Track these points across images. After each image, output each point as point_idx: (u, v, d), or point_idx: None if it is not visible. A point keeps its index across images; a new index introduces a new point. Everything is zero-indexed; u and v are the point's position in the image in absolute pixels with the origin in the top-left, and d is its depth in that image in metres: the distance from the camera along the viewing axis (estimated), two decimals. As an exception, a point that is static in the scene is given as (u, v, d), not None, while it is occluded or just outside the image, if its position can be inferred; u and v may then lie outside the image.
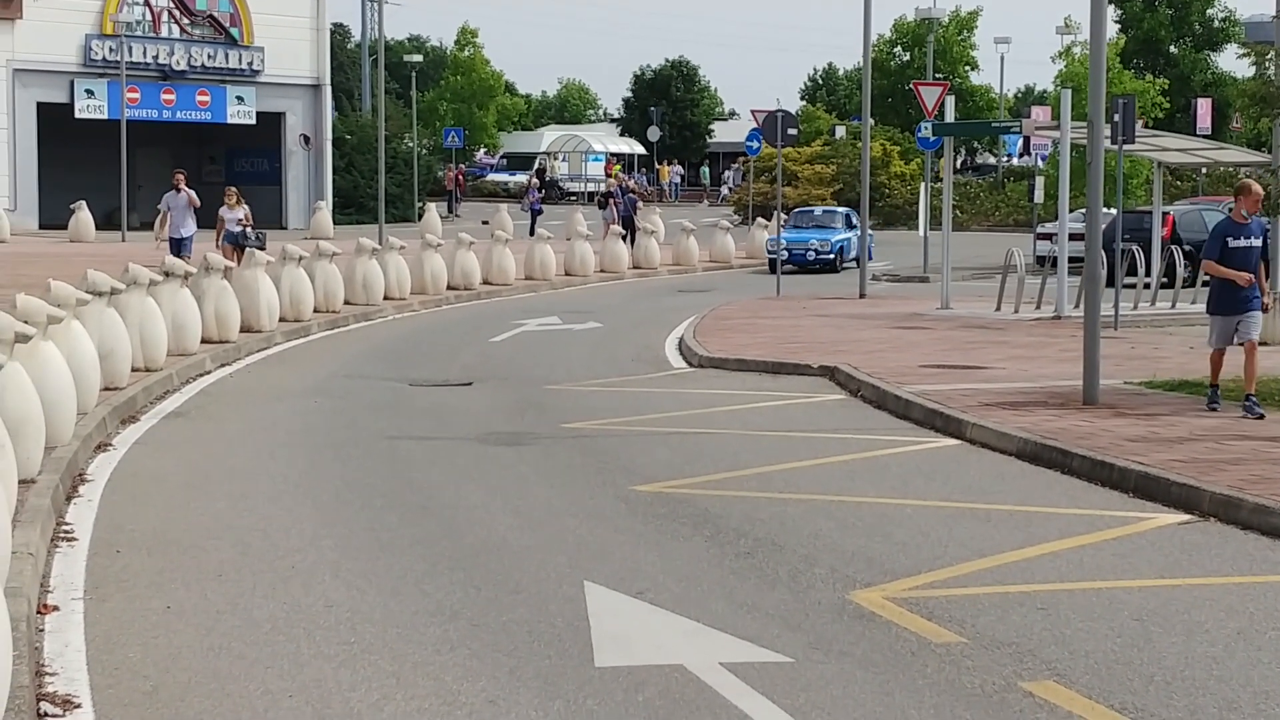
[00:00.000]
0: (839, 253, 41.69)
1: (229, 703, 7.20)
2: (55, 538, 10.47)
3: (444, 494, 12.25)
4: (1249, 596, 9.16)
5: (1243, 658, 7.93)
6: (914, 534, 10.78)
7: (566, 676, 7.60)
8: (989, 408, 15.82)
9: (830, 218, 44.12)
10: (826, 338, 23.59)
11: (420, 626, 8.47)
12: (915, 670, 7.74)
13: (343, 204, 60.66)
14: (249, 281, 23.90)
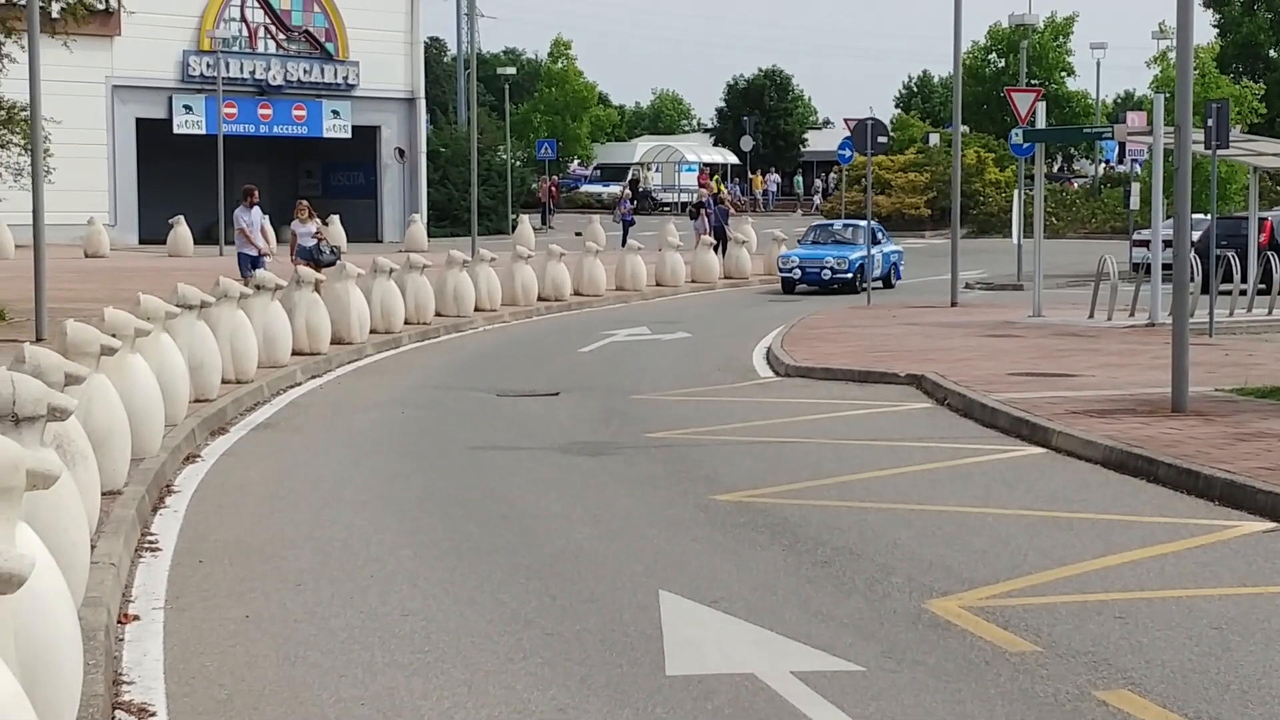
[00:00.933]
0: (858, 271, 37.16)
1: (301, 710, 7.28)
2: (140, 548, 10.61)
3: (524, 503, 12.30)
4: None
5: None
6: (994, 542, 10.71)
7: (637, 685, 7.61)
8: (1076, 415, 15.68)
9: (852, 233, 39.68)
10: (915, 346, 23.47)
11: (494, 635, 8.51)
12: (988, 679, 7.69)
13: (437, 216, 61.09)
14: (340, 294, 24.13)
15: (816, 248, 38.89)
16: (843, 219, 47.43)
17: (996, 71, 78.86)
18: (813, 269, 37.71)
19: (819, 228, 41.02)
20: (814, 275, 37.61)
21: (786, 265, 37.79)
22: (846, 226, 40.57)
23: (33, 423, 7.58)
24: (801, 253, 38.48)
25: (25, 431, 7.51)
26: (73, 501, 8.11)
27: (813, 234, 40.37)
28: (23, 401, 7.50)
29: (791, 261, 37.40)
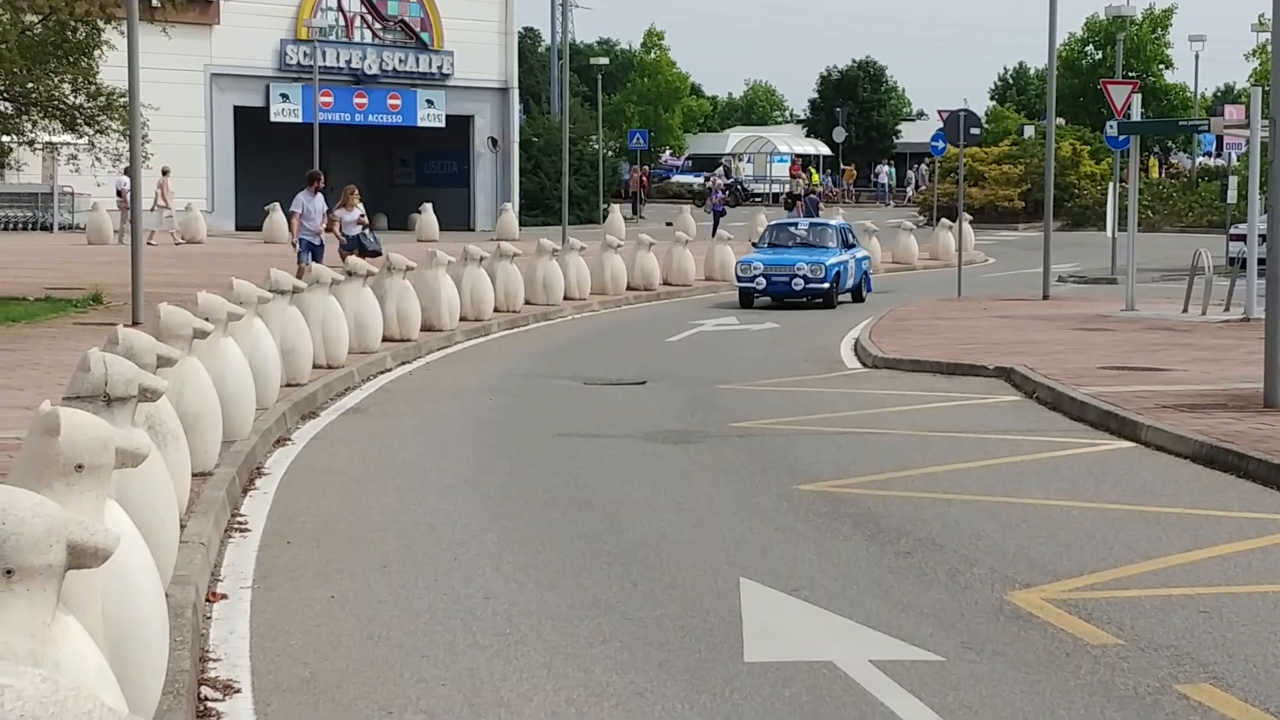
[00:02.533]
0: (835, 280, 31.23)
1: (383, 689, 7.37)
2: (229, 528, 10.77)
3: (608, 490, 12.37)
4: None
5: None
6: (1078, 536, 10.66)
7: (715, 671, 7.65)
8: (1166, 410, 15.55)
9: (820, 234, 33.13)
10: (1005, 339, 23.34)
11: (575, 619, 8.58)
12: (1068, 671, 7.67)
13: (529, 205, 61.32)
14: (430, 281, 24.31)
15: (781, 252, 32.06)
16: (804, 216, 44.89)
17: (1093, 64, 78.18)
18: (780, 277, 30.91)
19: (778, 227, 34.07)
20: (782, 285, 30.92)
21: (747, 273, 31.05)
22: (814, 227, 34.03)
23: (124, 403, 7.71)
24: (765, 258, 31.53)
25: (117, 411, 7.65)
26: (163, 481, 8.25)
27: (772, 235, 33.50)
28: (114, 382, 7.63)
29: (753, 268, 31.01)
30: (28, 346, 19.80)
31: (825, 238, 32.72)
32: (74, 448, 5.73)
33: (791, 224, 34.57)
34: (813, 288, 30.70)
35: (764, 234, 34.18)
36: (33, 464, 5.81)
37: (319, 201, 27.69)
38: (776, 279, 30.84)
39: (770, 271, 30.90)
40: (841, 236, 32.53)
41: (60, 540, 4.24)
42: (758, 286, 30.86)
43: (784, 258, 31.38)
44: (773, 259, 31.36)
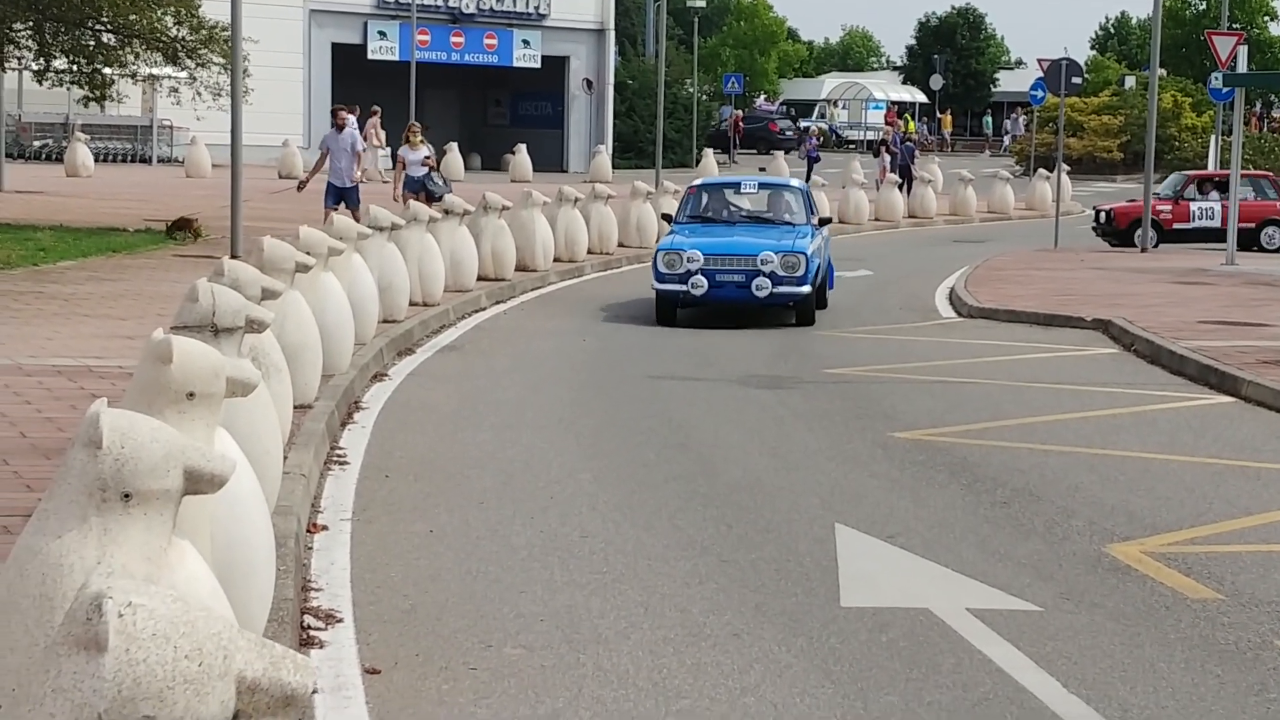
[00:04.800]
0: (817, 277, 19.88)
1: (483, 623, 7.43)
2: (328, 461, 10.87)
3: (702, 433, 12.38)
4: None
5: None
6: (1178, 490, 10.57)
7: (811, 614, 7.66)
8: (1268, 365, 15.35)
9: (779, 202, 21.49)
10: (1102, 291, 23.10)
11: (670, 560, 8.61)
12: (1168, 625, 7.62)
13: (622, 148, 61.22)
14: (525, 222, 24.34)
15: (725, 232, 20.40)
16: (897, 165, 43.01)
17: (1197, 14, 76.96)
18: (731, 274, 19.32)
19: (710, 191, 21.91)
20: (734, 287, 19.32)
21: (672, 266, 19.24)
22: (768, 192, 22.09)
23: (231, 334, 7.78)
24: (702, 242, 19.65)
25: (224, 342, 7.71)
26: (267, 412, 8.33)
27: (699, 203, 21.35)
28: (222, 313, 7.70)
29: (684, 259, 19.21)
30: (128, 277, 20.03)
31: (786, 208, 21.08)
32: (186, 375, 5.79)
33: (729, 185, 22.64)
34: (785, 292, 19.01)
35: (684, 201, 21.50)
36: (144, 392, 5.87)
37: (346, 138, 24.87)
38: (724, 276, 19.16)
39: (714, 265, 19.16)
40: (808, 206, 21.32)
41: (178, 466, 4.29)
42: (693, 290, 19.01)
43: (734, 242, 19.60)
44: (716, 244, 19.52)
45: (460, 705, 6.38)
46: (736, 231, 20.35)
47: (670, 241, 19.92)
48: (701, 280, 19.12)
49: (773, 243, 19.51)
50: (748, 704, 6.45)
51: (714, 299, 19.32)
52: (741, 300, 19.32)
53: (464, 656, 6.97)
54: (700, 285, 19.15)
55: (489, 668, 6.83)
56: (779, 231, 20.24)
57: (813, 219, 21.09)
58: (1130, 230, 32.84)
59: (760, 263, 19.12)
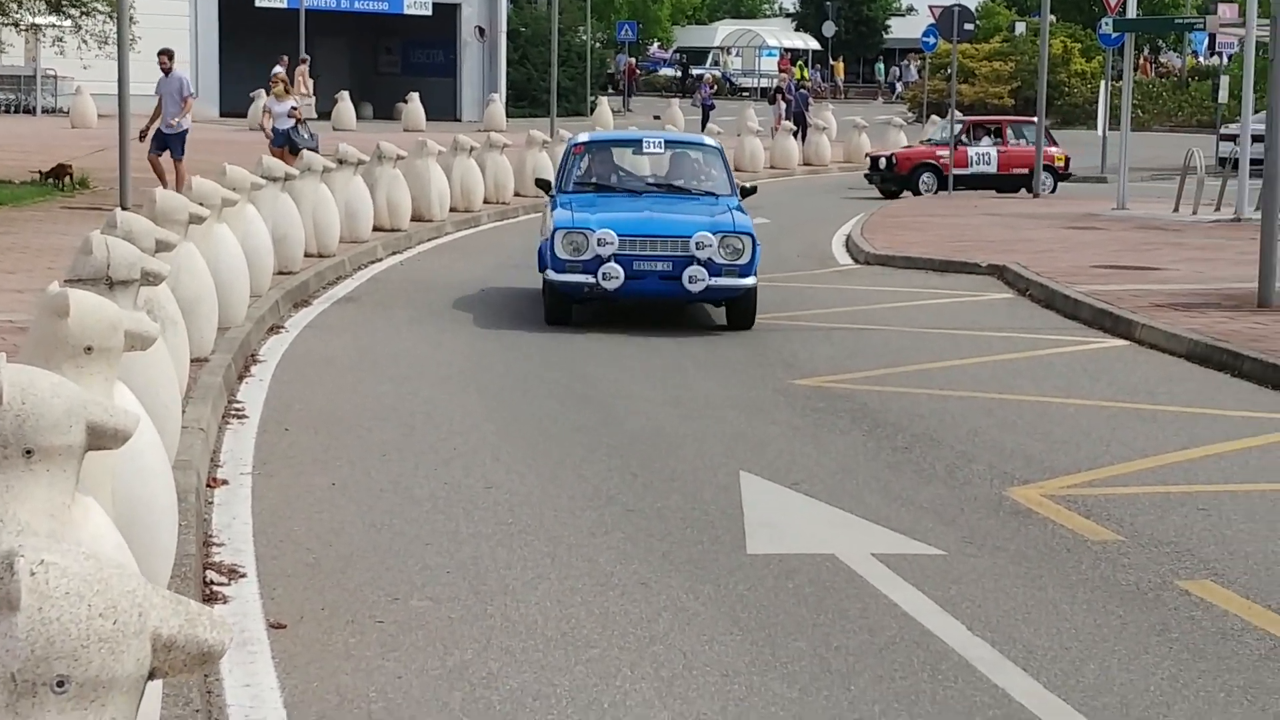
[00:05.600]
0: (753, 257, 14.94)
1: (388, 576, 7.38)
2: (226, 415, 10.74)
3: (605, 383, 12.36)
4: None
5: None
6: (1075, 433, 10.68)
7: (718, 562, 7.68)
8: (1160, 309, 15.56)
9: (690, 165, 16.98)
10: (997, 236, 23.29)
11: (576, 510, 8.59)
12: (1070, 566, 7.70)
13: (516, 97, 60.86)
14: (420, 171, 24.14)
15: (628, 205, 15.76)
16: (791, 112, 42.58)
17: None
18: (654, 261, 14.87)
19: (599, 150, 17.17)
20: (656, 279, 14.90)
21: (577, 250, 14.80)
22: (672, 150, 17.45)
23: (126, 287, 7.64)
24: (615, 220, 15.06)
25: (119, 295, 7.57)
26: (165, 366, 8.21)
27: (583, 167, 16.56)
28: (117, 265, 7.56)
29: (592, 242, 14.73)
30: (15, 230, 19.66)
31: (703, 174, 16.50)
32: (84, 329, 5.68)
33: (625, 143, 18.31)
34: (725, 285, 14.66)
35: (566, 163, 16.57)
36: (41, 346, 5.75)
37: (173, 83, 23.85)
38: (646, 264, 14.71)
39: (633, 249, 14.70)
40: (728, 171, 16.64)
41: (80, 421, 4.20)
42: (604, 282, 14.55)
43: (657, 219, 15.09)
44: (633, 222, 14.98)
45: (367, 659, 6.33)
46: (650, 205, 15.59)
47: (569, 218, 14.79)
48: (616, 270, 14.44)
49: (706, 220, 14.90)
50: (657, 652, 6.46)
51: (631, 294, 14.84)
52: (668, 296, 14.87)
53: (370, 610, 6.91)
54: (614, 276, 14.43)
55: (396, 620, 6.78)
56: (704, 205, 15.60)
57: (725, 182, 16.17)
58: (912, 176, 32.72)
59: (695, 246, 14.46)
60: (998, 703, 5.98)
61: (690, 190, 16.27)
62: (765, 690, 6.07)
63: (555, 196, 16.00)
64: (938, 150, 33.19)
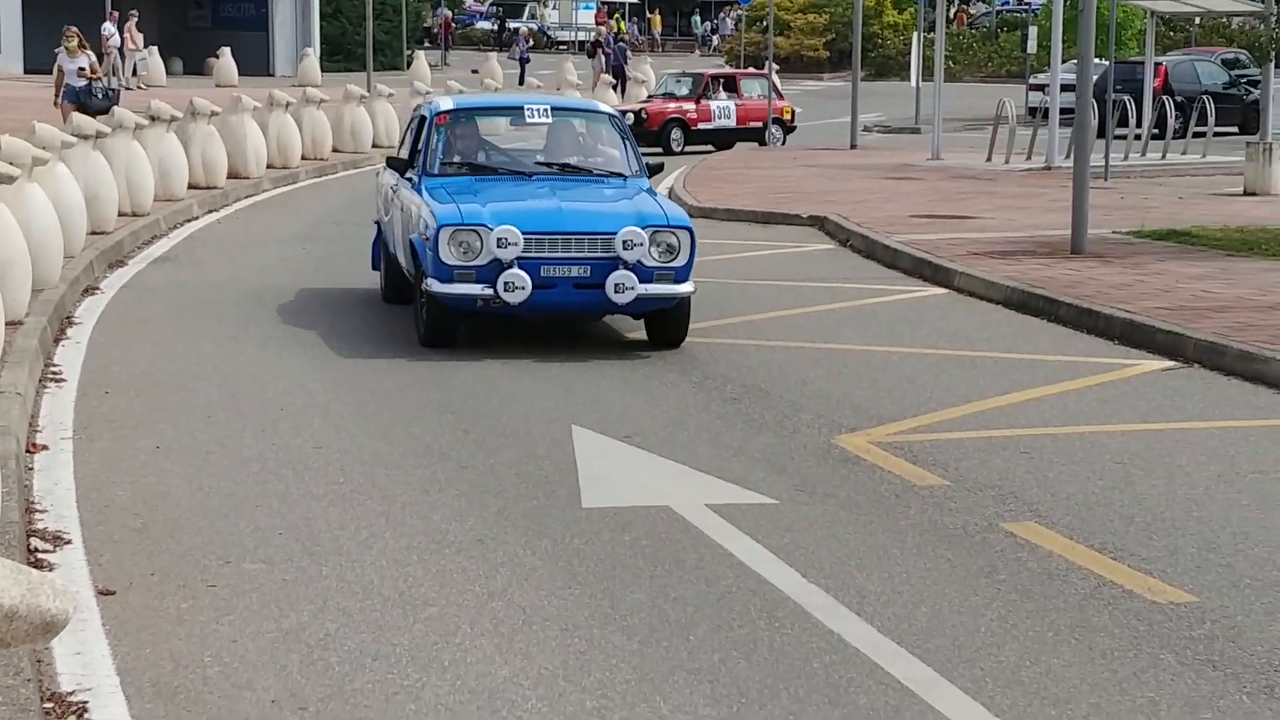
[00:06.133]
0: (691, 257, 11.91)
1: (218, 539, 7.27)
2: (43, 379, 10.49)
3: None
4: (1230, 441, 9.23)
5: (1222, 500, 8.02)
6: (900, 380, 10.84)
7: (554, 517, 7.67)
8: (977, 257, 15.83)
9: (581, 139, 13.59)
10: (816, 188, 23.51)
11: (408, 468, 8.53)
12: (898, 512, 7.82)
13: (330, 51, 60.03)
14: (235, 128, 23.74)
15: (522, 192, 12.27)
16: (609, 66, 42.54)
17: (896, -87, 78.21)
18: (567, 264, 11.61)
19: (466, 117, 13.44)
20: (565, 288, 11.61)
21: (471, 254, 11.47)
22: (561, 119, 13.55)
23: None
24: (515, 212, 11.65)
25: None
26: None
27: (450, 141, 12.93)
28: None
29: (490, 242, 11.38)
30: None
31: (600, 151, 13.37)
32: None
33: (502, 109, 15.30)
34: (658, 294, 11.71)
35: (425, 136, 12.95)
36: None
37: None
38: (559, 269, 11.65)
39: (542, 250, 11.60)
40: (633, 146, 13.30)
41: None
42: (506, 293, 11.42)
43: (569, 210, 11.89)
44: (539, 214, 11.79)
45: (201, 623, 6.24)
46: (551, 192, 12.19)
47: (454, 211, 11.55)
48: (521, 278, 11.28)
49: (629, 210, 11.81)
50: (496, 608, 6.44)
51: (540, 309, 11.60)
52: (587, 309, 11.89)
53: (201, 574, 6.81)
54: (519, 286, 11.29)
55: (229, 584, 6.69)
56: (615, 190, 12.49)
57: (626, 158, 12.96)
58: (662, 131, 32.63)
59: (622, 245, 11.38)
60: (833, 648, 6.06)
61: (591, 171, 12.93)
62: (605, 643, 6.09)
63: (419, 180, 12.41)
64: (684, 105, 33.28)
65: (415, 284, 12.03)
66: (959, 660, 5.95)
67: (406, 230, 12.39)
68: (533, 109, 13.39)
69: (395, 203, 13.04)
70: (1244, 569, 6.96)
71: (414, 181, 12.60)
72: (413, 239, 12.07)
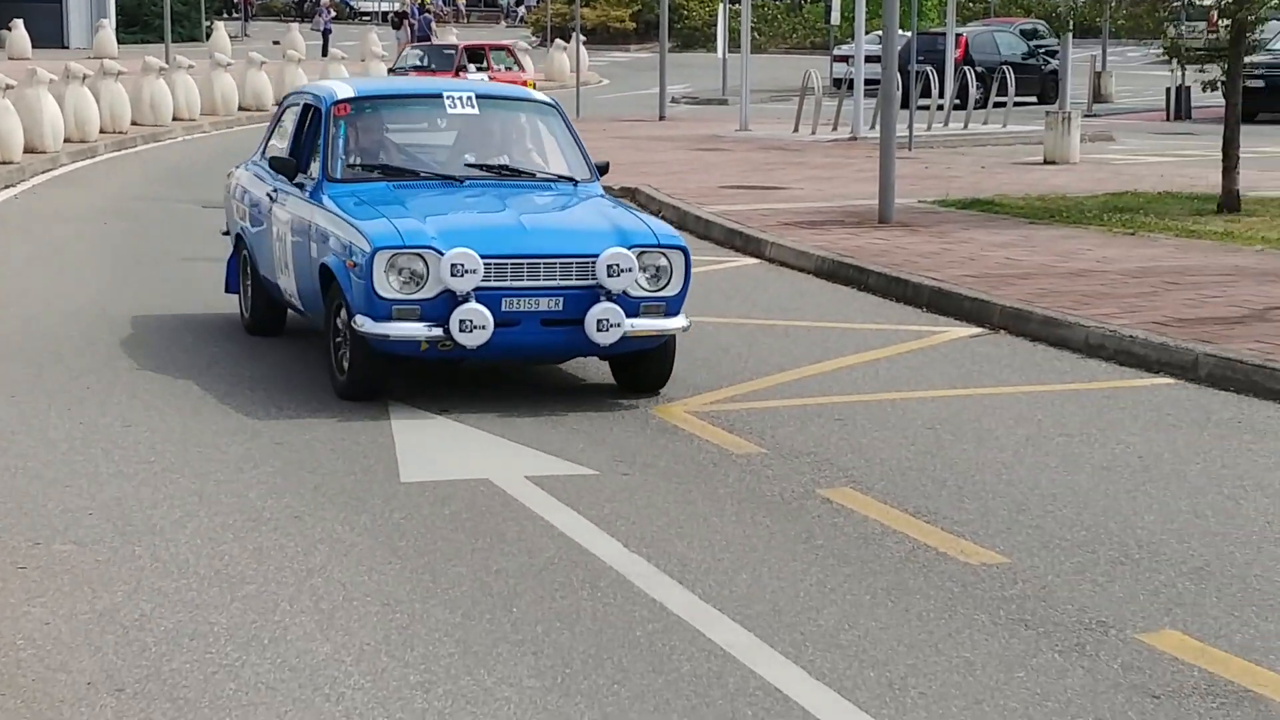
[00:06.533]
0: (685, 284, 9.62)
1: (27, 520, 7.10)
2: None
3: (242, 314, 12.07)
4: (1037, 405, 9.44)
5: (1031, 463, 8.20)
6: (715, 351, 10.90)
7: (372, 492, 7.61)
8: (788, 227, 15.99)
9: (523, 134, 10.92)
10: (626, 159, 23.47)
11: (222, 445, 8.39)
12: (717, 480, 7.88)
13: (126, 22, 58.71)
14: (31, 100, 23.13)
15: (462, 203, 9.94)
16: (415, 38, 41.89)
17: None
18: (536, 296, 9.20)
19: (372, 107, 10.74)
20: (530, 326, 9.19)
21: (414, 286, 9.04)
22: (490, 109, 10.84)
23: None
24: (465, 229, 9.31)
25: None
26: None
27: (351, 137, 10.38)
28: None
29: (440, 269, 8.96)
30: None
31: (548, 147, 10.87)
32: None
33: (419, 97, 11.58)
34: (648, 329, 9.37)
35: (325, 131, 10.32)
36: None
37: None
38: (525, 302, 9.20)
39: (506, 280, 9.14)
40: (579, 143, 10.90)
41: None
42: (462, 335, 8.96)
43: (535, 227, 9.48)
44: (500, 233, 9.34)
45: (12, 605, 6.09)
46: (495, 204, 9.86)
47: (389, 229, 9.16)
48: (482, 314, 8.94)
49: (607, 228, 9.49)
50: (315, 585, 6.37)
51: (500, 351, 9.26)
52: (561, 351, 9.61)
53: (10, 555, 6.64)
54: (479, 324, 8.93)
55: (39, 565, 6.53)
56: (572, 200, 10.27)
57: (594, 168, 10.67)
58: None
59: (606, 271, 9.12)
60: (656, 616, 6.09)
61: (534, 175, 10.53)
62: (427, 617, 6.05)
63: (318, 187, 10.02)
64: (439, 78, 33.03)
65: (326, 321, 9.61)
66: (779, 625, 6.01)
67: (305, 252, 9.89)
68: (454, 97, 10.68)
69: (275, 215, 10.51)
70: (1053, 530, 7.13)
71: (307, 188, 10.12)
72: (328, 263, 9.44)
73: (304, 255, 9.99)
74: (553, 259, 9.19)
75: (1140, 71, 48.13)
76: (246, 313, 11.43)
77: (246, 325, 11.39)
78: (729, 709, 5.27)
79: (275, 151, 11.25)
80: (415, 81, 11.85)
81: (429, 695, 5.36)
